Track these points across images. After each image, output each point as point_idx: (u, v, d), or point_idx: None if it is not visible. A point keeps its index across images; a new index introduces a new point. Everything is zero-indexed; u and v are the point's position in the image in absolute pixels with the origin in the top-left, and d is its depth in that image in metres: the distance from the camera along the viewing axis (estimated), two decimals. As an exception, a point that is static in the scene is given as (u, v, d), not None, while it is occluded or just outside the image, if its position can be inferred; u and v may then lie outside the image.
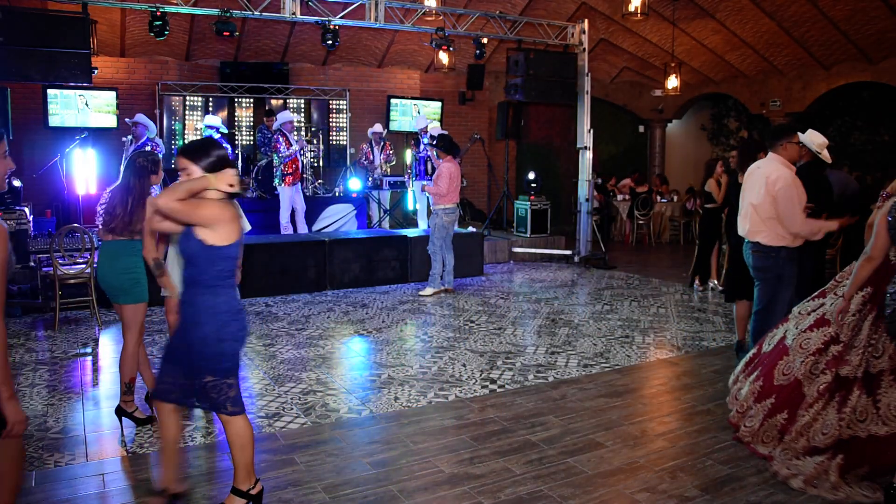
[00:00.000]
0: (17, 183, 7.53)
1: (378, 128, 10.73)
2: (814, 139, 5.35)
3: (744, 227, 4.66)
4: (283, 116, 9.58)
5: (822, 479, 3.26)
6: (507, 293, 8.02)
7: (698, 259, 8.32)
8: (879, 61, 11.31)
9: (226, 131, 9.88)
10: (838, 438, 3.31)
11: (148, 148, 8.29)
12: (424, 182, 9.43)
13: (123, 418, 4.02)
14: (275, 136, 9.46)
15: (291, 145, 9.31)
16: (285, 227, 9.39)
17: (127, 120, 9.07)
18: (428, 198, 9.52)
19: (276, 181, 9.39)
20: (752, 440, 3.61)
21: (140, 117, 8.86)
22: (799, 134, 5.44)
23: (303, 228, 9.45)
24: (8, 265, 2.27)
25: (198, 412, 4.21)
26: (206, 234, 2.75)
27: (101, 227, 4.00)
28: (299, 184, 9.51)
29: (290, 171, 9.27)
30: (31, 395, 4.51)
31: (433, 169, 9.56)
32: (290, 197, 9.37)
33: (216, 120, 9.59)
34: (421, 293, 7.83)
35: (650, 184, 14.18)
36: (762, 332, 4.12)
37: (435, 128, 10.05)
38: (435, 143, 8.10)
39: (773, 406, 3.57)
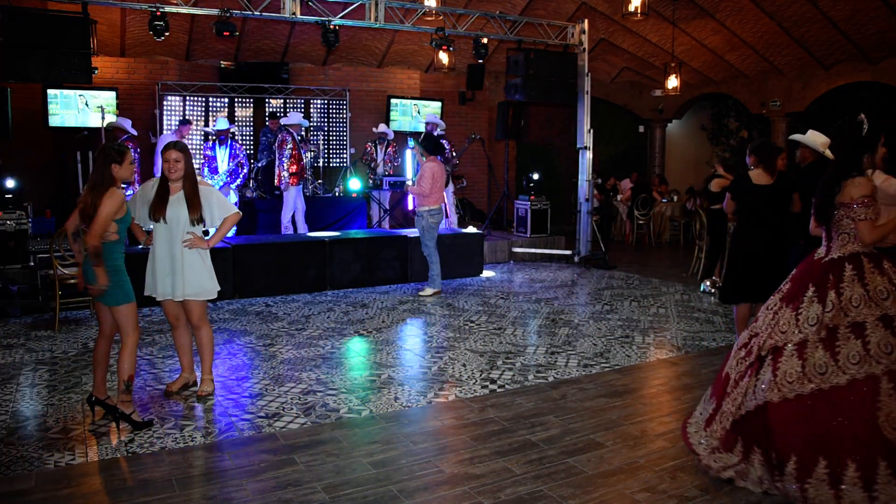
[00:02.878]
0: (10, 183, 7.51)
1: (383, 128, 10.72)
2: (816, 139, 5.33)
3: None
4: (294, 118, 9.60)
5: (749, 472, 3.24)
6: (507, 293, 8.02)
7: (709, 260, 8.23)
8: (879, 61, 11.31)
9: (235, 132, 9.91)
10: (733, 420, 3.34)
11: None
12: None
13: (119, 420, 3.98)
14: (281, 135, 9.47)
15: (297, 145, 9.34)
16: (286, 227, 9.39)
17: (109, 124, 8.89)
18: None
19: (283, 180, 9.41)
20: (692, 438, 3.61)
21: (118, 121, 8.73)
22: (800, 136, 5.43)
23: (303, 228, 9.45)
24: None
25: (198, 411, 4.21)
26: None
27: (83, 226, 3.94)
28: (301, 184, 9.53)
29: (296, 170, 9.30)
30: (31, 395, 4.51)
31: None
32: (294, 197, 9.39)
33: (226, 122, 9.59)
34: (421, 293, 7.83)
35: (649, 184, 14.19)
36: None
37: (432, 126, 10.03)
38: (419, 142, 8.09)
39: (715, 405, 3.57)
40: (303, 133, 9.92)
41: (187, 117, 10.58)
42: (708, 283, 8.05)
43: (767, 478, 3.16)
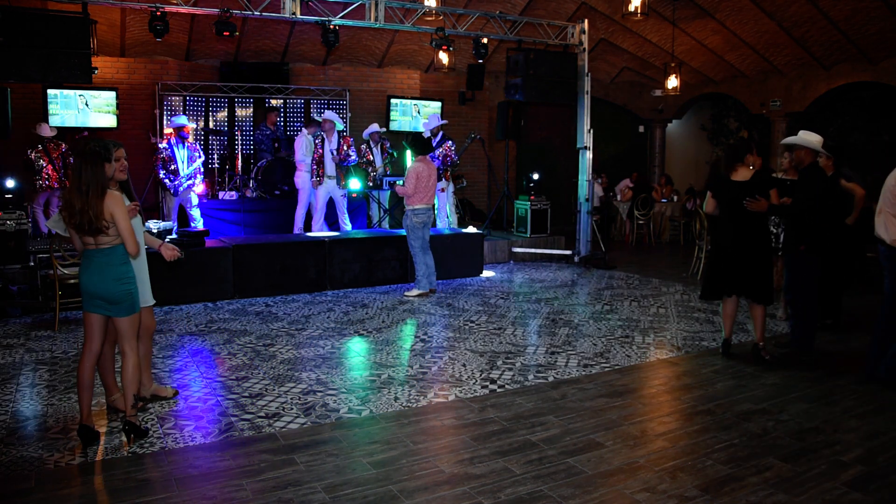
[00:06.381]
0: (10, 183, 7.50)
1: (376, 127, 10.69)
2: (810, 138, 5.29)
3: None
4: (329, 115, 9.41)
5: None
6: (507, 293, 8.02)
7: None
8: (879, 61, 11.30)
9: (192, 127, 9.84)
10: None
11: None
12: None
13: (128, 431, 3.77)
14: (317, 140, 9.39)
15: (325, 145, 9.26)
16: (320, 228, 9.33)
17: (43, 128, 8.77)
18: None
19: (310, 180, 9.34)
20: None
21: (40, 128, 8.66)
22: (792, 138, 5.41)
23: (302, 229, 9.40)
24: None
25: (198, 411, 4.21)
26: None
27: (70, 228, 3.68)
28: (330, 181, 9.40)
29: (318, 170, 9.20)
30: (31, 395, 4.51)
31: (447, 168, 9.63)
32: (321, 197, 9.31)
33: (183, 119, 9.43)
34: (406, 294, 7.80)
35: (656, 184, 14.18)
36: None
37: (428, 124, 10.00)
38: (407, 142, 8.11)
39: None
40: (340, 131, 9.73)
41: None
42: None
43: None
